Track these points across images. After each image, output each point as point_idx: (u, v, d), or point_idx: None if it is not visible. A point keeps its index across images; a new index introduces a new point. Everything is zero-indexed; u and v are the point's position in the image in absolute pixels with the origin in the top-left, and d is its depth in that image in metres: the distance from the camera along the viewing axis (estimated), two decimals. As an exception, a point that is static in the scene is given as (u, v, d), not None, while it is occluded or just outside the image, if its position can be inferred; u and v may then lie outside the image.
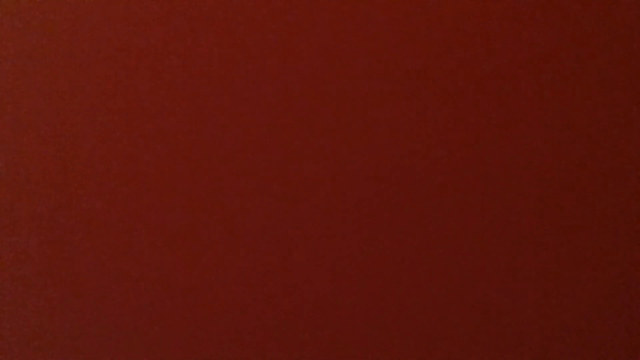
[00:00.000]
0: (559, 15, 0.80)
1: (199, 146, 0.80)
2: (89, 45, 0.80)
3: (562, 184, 0.80)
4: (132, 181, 0.80)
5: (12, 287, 0.80)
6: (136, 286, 0.80)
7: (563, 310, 0.80)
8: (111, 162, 0.80)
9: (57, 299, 0.80)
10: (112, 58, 0.80)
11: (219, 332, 0.80)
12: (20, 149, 0.80)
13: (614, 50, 0.80)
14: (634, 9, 0.80)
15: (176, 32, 0.80)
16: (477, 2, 0.80)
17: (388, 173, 0.80)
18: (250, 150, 0.80)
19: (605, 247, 0.80)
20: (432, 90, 0.80)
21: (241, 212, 0.80)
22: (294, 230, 0.80)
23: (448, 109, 0.80)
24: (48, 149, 0.80)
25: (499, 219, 0.80)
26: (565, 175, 0.80)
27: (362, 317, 0.80)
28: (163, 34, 0.80)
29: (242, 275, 0.80)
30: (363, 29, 0.80)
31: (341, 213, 0.80)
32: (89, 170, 0.80)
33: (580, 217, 0.80)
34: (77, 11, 0.80)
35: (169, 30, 0.80)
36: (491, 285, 0.80)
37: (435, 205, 0.80)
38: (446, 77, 0.80)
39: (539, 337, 0.80)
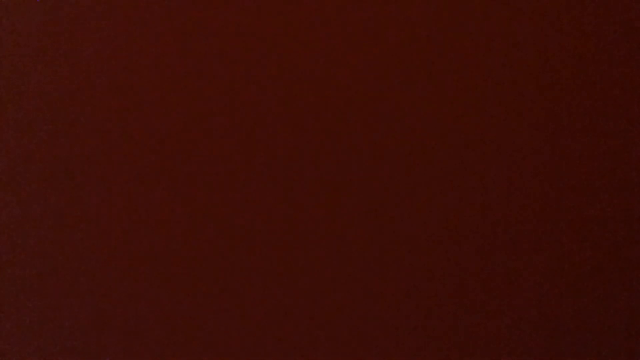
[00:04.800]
0: (559, 15, 0.81)
1: (197, 144, 0.80)
2: (89, 45, 0.80)
3: (561, 182, 0.81)
4: (132, 180, 0.80)
5: (12, 287, 0.80)
6: (136, 286, 0.80)
7: (562, 310, 0.80)
8: (111, 161, 0.80)
9: (57, 298, 0.80)
10: (111, 58, 0.80)
11: (218, 331, 0.80)
12: (21, 149, 0.80)
13: (614, 51, 0.81)
14: (634, 9, 0.81)
15: (176, 31, 0.80)
16: (477, 2, 0.81)
17: (386, 172, 0.80)
18: (248, 148, 0.80)
19: (605, 246, 0.80)
20: (430, 88, 0.80)
21: (240, 212, 0.80)
22: (292, 229, 0.80)
23: (447, 108, 0.80)
24: (48, 149, 0.80)
25: (497, 219, 0.80)
26: (564, 174, 0.81)
27: (360, 316, 0.80)
28: (163, 34, 0.80)
29: (241, 274, 0.80)
30: (362, 28, 0.80)
31: (340, 212, 0.80)
32: (89, 170, 0.80)
33: (579, 216, 0.81)
34: (77, 11, 0.80)
35: (169, 30, 0.80)
36: (491, 285, 0.80)
37: (434, 204, 0.80)
38: (445, 76, 0.80)
39: (538, 336, 0.81)
